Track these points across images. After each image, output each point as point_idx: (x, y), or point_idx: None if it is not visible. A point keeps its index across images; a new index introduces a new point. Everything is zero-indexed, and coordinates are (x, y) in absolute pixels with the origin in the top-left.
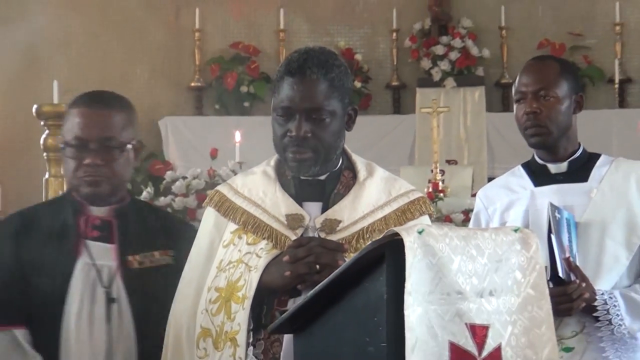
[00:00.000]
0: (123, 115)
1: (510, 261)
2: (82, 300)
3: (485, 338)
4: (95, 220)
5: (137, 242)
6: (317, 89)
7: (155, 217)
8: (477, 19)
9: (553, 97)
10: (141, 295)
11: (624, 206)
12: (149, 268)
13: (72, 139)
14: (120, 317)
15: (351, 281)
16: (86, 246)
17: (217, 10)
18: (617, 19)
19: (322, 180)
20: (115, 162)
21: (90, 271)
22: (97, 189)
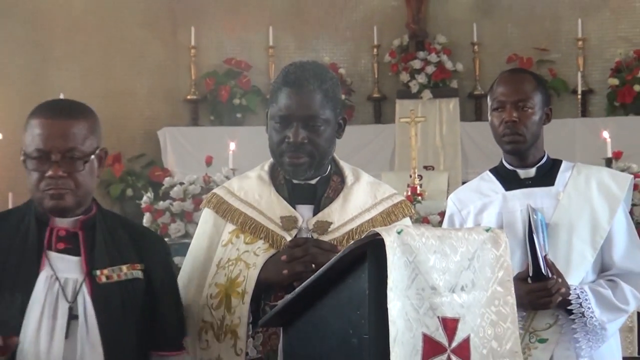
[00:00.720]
0: (84, 124)
1: (481, 259)
2: (42, 315)
3: (455, 330)
4: (60, 231)
5: (105, 255)
6: (314, 99)
7: (124, 229)
8: (451, 35)
9: (530, 109)
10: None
11: (588, 208)
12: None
13: (33, 150)
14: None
15: (335, 278)
16: (49, 258)
17: (211, 29)
18: (579, 34)
19: (313, 185)
20: (79, 174)
21: (53, 285)
22: (62, 202)
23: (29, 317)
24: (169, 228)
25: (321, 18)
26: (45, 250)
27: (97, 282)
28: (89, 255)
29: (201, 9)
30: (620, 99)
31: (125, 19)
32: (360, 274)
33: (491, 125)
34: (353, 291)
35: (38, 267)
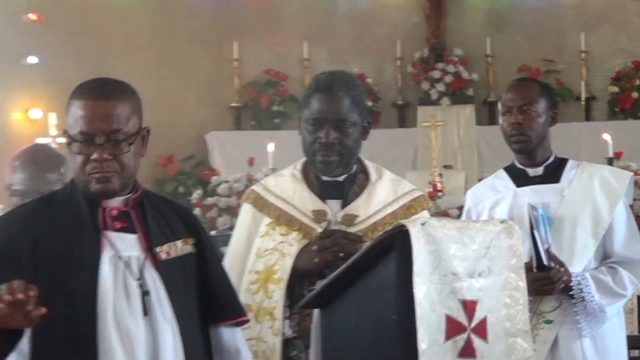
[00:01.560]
0: (127, 104)
1: (496, 247)
2: (115, 295)
3: (475, 311)
4: (113, 211)
5: (159, 232)
6: (343, 104)
7: (167, 206)
8: (467, 48)
9: (534, 112)
10: (174, 286)
11: (590, 203)
12: (176, 258)
13: (77, 133)
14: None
15: (367, 265)
16: (108, 238)
17: (252, 43)
18: (583, 47)
19: (341, 182)
20: (124, 155)
21: (118, 264)
22: (108, 185)
23: (102, 298)
24: (216, 221)
25: (350, 33)
26: (102, 231)
27: (160, 259)
28: (146, 232)
29: (243, 25)
30: (620, 105)
31: (176, 36)
32: (388, 261)
33: (501, 128)
34: (382, 277)
35: (99, 248)
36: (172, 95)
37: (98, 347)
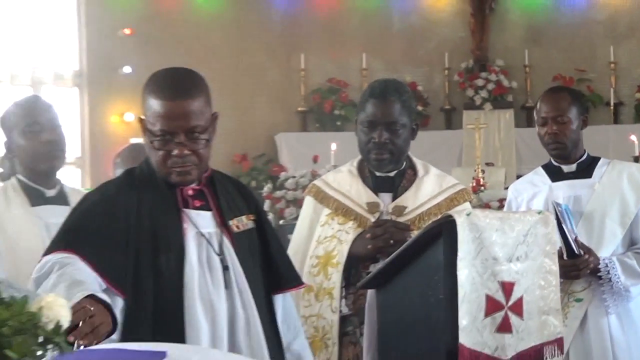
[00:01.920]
0: (201, 99)
1: (533, 235)
2: (200, 270)
3: (512, 292)
4: (189, 190)
5: (228, 207)
6: (394, 108)
7: (233, 185)
8: (507, 59)
9: (567, 121)
10: (246, 258)
11: (619, 195)
12: (243, 232)
13: (158, 130)
14: (237, 282)
15: (417, 250)
16: (188, 216)
17: (317, 55)
18: (612, 58)
19: (392, 177)
20: (202, 148)
21: (200, 240)
22: (188, 177)
23: (188, 274)
24: (284, 212)
25: (403, 46)
26: (182, 210)
27: (233, 232)
28: (220, 209)
29: (309, 39)
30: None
31: (250, 49)
32: (436, 247)
33: (539, 136)
34: (431, 261)
35: (182, 226)
36: (246, 101)
37: (185, 320)
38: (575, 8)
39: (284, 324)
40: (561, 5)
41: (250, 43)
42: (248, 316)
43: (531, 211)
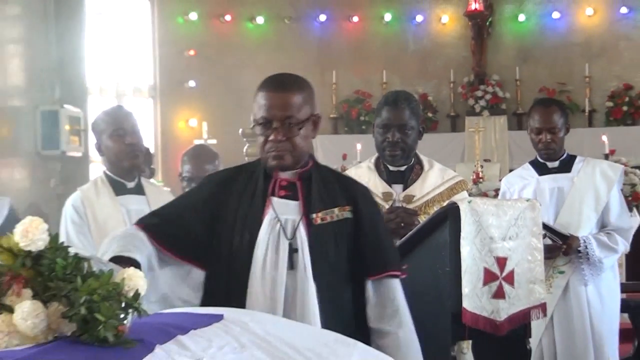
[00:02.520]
0: (300, 95)
1: (522, 219)
2: (266, 250)
3: (505, 265)
4: (282, 181)
5: (319, 200)
6: (404, 113)
7: (336, 180)
8: (501, 74)
9: (557, 130)
10: (321, 247)
11: (593, 187)
12: (330, 223)
13: (260, 118)
14: (304, 266)
15: (428, 231)
16: (272, 203)
17: (346, 71)
18: (587, 74)
19: (402, 171)
20: (296, 137)
21: (275, 225)
22: (281, 161)
23: (256, 253)
24: None
25: (417, 64)
26: (269, 197)
27: (313, 223)
28: (306, 200)
29: (338, 59)
30: (614, 116)
31: (291, 67)
32: (443, 229)
33: (532, 141)
34: (439, 240)
35: (263, 211)
36: None
37: (247, 291)
38: (556, 33)
39: (376, 308)
40: (545, 31)
41: (290, 62)
42: (308, 296)
43: (521, 199)
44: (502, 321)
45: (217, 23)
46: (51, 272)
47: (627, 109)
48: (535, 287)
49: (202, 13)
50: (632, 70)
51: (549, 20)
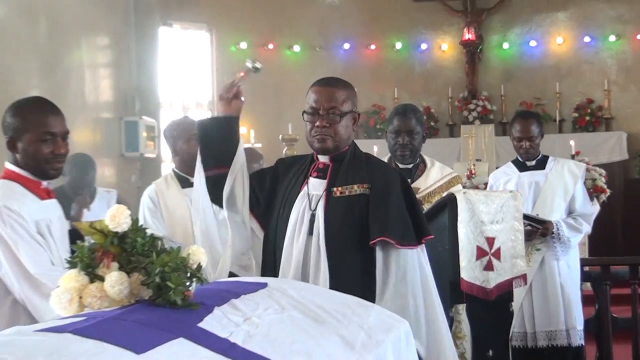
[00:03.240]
0: (344, 92)
1: (507, 206)
2: (296, 219)
3: (493, 243)
4: (319, 164)
5: (343, 178)
6: (411, 121)
7: (365, 161)
8: (489, 91)
9: (535, 139)
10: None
11: (562, 181)
12: (347, 196)
13: (308, 107)
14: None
15: (431, 216)
16: (308, 182)
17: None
18: (557, 90)
19: (410, 168)
20: (337, 125)
21: (304, 199)
22: (324, 144)
23: (290, 223)
24: None
25: (422, 83)
26: (308, 177)
27: (332, 196)
28: (331, 178)
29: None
30: (579, 124)
31: None
32: (444, 214)
33: (514, 146)
34: (440, 223)
35: (300, 189)
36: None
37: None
38: (533, 58)
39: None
40: (524, 56)
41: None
42: (321, 259)
43: (505, 191)
44: (491, 288)
45: (262, 50)
46: (133, 248)
47: (589, 118)
48: (517, 261)
49: (250, 42)
50: (593, 88)
51: (527, 48)
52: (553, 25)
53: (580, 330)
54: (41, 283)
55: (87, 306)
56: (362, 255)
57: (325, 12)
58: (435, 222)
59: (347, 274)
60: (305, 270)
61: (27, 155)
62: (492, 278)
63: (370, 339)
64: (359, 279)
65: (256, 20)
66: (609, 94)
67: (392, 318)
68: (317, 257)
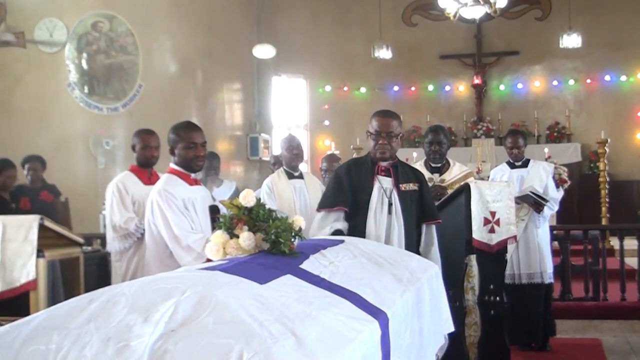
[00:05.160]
0: (395, 121)
1: (503, 191)
2: (376, 205)
3: (495, 215)
4: (382, 167)
5: (403, 178)
6: (440, 136)
7: (409, 168)
8: (491, 117)
9: (522, 149)
10: (406, 203)
11: (538, 176)
12: (408, 191)
13: (373, 131)
14: (396, 214)
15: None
16: (378, 179)
17: (409, 116)
18: (535, 116)
19: (439, 166)
20: (392, 143)
21: (380, 190)
22: (384, 155)
23: (371, 206)
24: None
25: (446, 111)
26: (375, 175)
27: (401, 190)
28: (396, 177)
29: (404, 109)
30: (550, 138)
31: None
32: (461, 197)
33: (507, 153)
34: (459, 202)
35: (372, 183)
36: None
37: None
38: (520, 95)
39: (424, 240)
40: (513, 94)
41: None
42: (399, 229)
43: (502, 182)
44: (493, 245)
45: (339, 91)
46: (257, 217)
47: (557, 134)
48: (511, 227)
49: (332, 86)
50: (559, 114)
51: (515, 89)
52: (532, 74)
53: (550, 272)
54: (181, 240)
55: (228, 254)
56: (416, 228)
57: (382, 66)
58: (456, 202)
59: (412, 239)
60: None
61: (180, 157)
62: (493, 238)
63: (412, 276)
64: (415, 242)
65: (335, 71)
66: (569, 118)
67: (427, 263)
68: (396, 230)
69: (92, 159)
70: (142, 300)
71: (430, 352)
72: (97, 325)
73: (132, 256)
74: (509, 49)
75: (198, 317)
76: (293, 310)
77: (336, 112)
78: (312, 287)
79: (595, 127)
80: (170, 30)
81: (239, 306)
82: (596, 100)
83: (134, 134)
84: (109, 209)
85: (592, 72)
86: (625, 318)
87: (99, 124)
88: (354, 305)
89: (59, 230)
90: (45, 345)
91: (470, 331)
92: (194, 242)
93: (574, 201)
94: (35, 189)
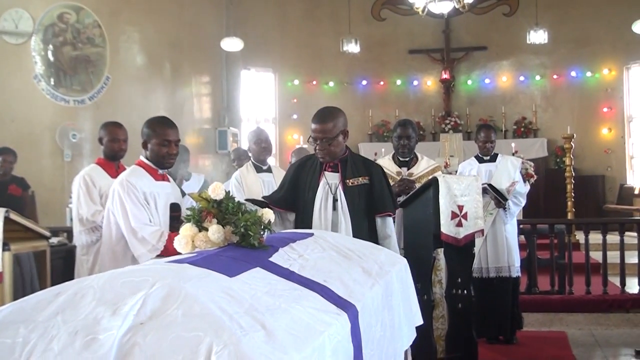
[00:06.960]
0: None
1: (471, 186)
2: (322, 201)
3: (462, 209)
4: (329, 164)
5: (350, 173)
6: (409, 129)
7: (361, 160)
8: (459, 111)
9: (493, 143)
10: (351, 198)
11: (506, 171)
12: (356, 185)
13: (311, 137)
14: (342, 209)
15: (421, 191)
16: (325, 175)
17: (377, 110)
18: (503, 111)
19: (407, 160)
20: (329, 147)
21: (325, 186)
22: (324, 159)
23: (316, 202)
24: None
25: (415, 106)
26: (322, 172)
27: (347, 185)
28: (343, 172)
29: (373, 104)
30: (517, 133)
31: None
32: (429, 191)
33: (479, 147)
34: (427, 196)
35: (319, 179)
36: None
37: (312, 223)
38: (487, 90)
39: (378, 233)
40: (481, 89)
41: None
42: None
43: (470, 176)
44: (460, 238)
45: (308, 85)
46: (226, 210)
47: (523, 129)
48: (478, 221)
49: (300, 80)
50: (525, 110)
51: (483, 84)
52: (500, 69)
53: (518, 266)
54: (137, 231)
55: (197, 247)
56: (367, 222)
57: (350, 60)
58: (424, 195)
59: (361, 235)
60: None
61: (153, 153)
62: (461, 231)
63: (381, 270)
64: (368, 236)
65: (304, 65)
66: (536, 114)
67: (395, 256)
68: (341, 225)
69: (58, 152)
70: (111, 293)
71: (403, 344)
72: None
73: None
74: (477, 44)
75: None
76: (263, 303)
77: (305, 106)
78: (282, 280)
79: (561, 123)
80: (138, 22)
81: (208, 299)
82: (562, 96)
83: (101, 127)
84: (75, 202)
85: (558, 68)
86: (590, 311)
87: (66, 116)
88: (324, 298)
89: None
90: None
91: (437, 324)
92: (150, 234)
93: (540, 196)
94: (4, 182)
